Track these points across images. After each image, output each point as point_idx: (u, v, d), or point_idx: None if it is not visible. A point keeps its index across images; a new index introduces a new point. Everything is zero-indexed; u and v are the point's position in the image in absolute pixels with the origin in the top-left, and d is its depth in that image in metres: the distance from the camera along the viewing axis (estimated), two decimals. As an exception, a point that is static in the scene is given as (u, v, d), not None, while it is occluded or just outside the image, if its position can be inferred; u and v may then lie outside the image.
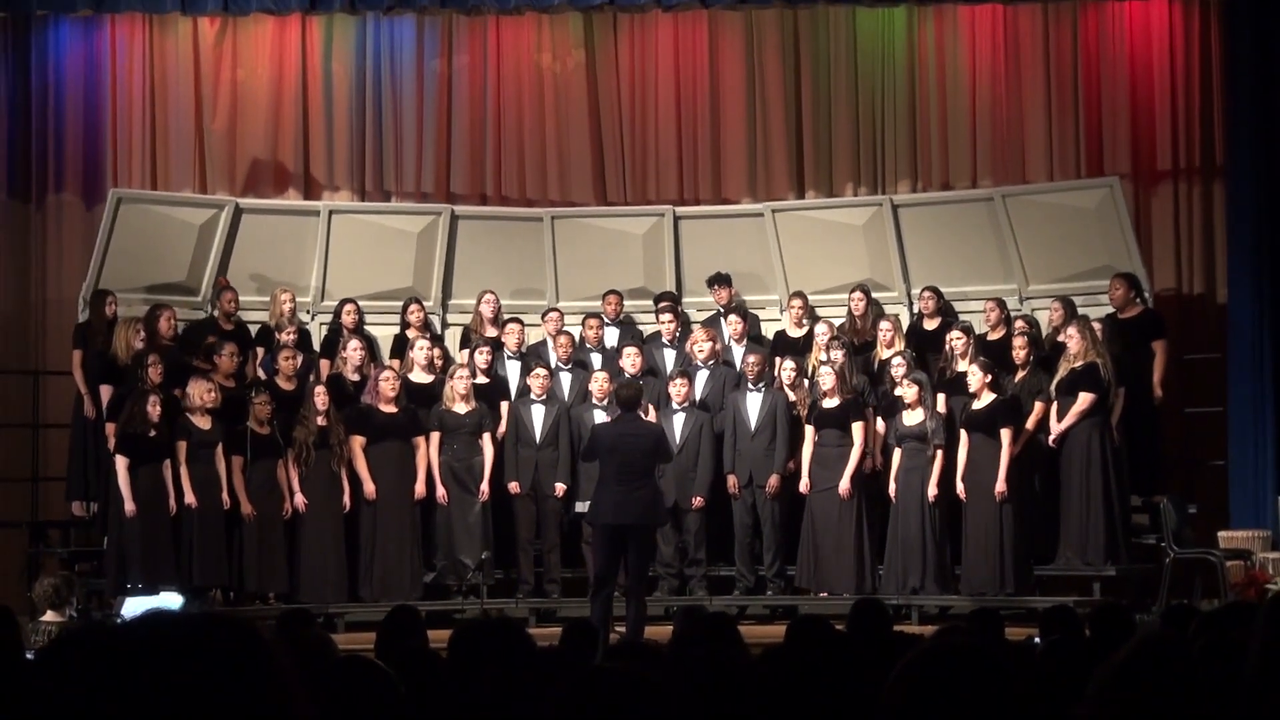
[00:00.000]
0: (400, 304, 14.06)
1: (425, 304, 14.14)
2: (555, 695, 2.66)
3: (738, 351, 13.70)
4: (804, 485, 12.87)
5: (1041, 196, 14.25)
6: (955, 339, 12.97)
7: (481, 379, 13.28)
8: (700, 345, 13.50)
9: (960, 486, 12.47)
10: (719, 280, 14.11)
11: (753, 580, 13.16)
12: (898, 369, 12.84)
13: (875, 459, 13.00)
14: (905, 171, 15.06)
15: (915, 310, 14.03)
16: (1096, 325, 12.69)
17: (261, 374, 13.32)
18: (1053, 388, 12.52)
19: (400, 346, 13.80)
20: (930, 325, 13.70)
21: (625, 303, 14.36)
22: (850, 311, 13.88)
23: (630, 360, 13.25)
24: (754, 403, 13.12)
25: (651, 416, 12.33)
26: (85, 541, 13.29)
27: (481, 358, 13.36)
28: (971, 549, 12.48)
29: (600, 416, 12.76)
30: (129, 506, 11.96)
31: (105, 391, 12.71)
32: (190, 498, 12.17)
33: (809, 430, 12.93)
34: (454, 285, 14.70)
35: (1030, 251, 14.02)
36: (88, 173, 14.78)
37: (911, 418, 12.64)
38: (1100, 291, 13.45)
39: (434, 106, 15.22)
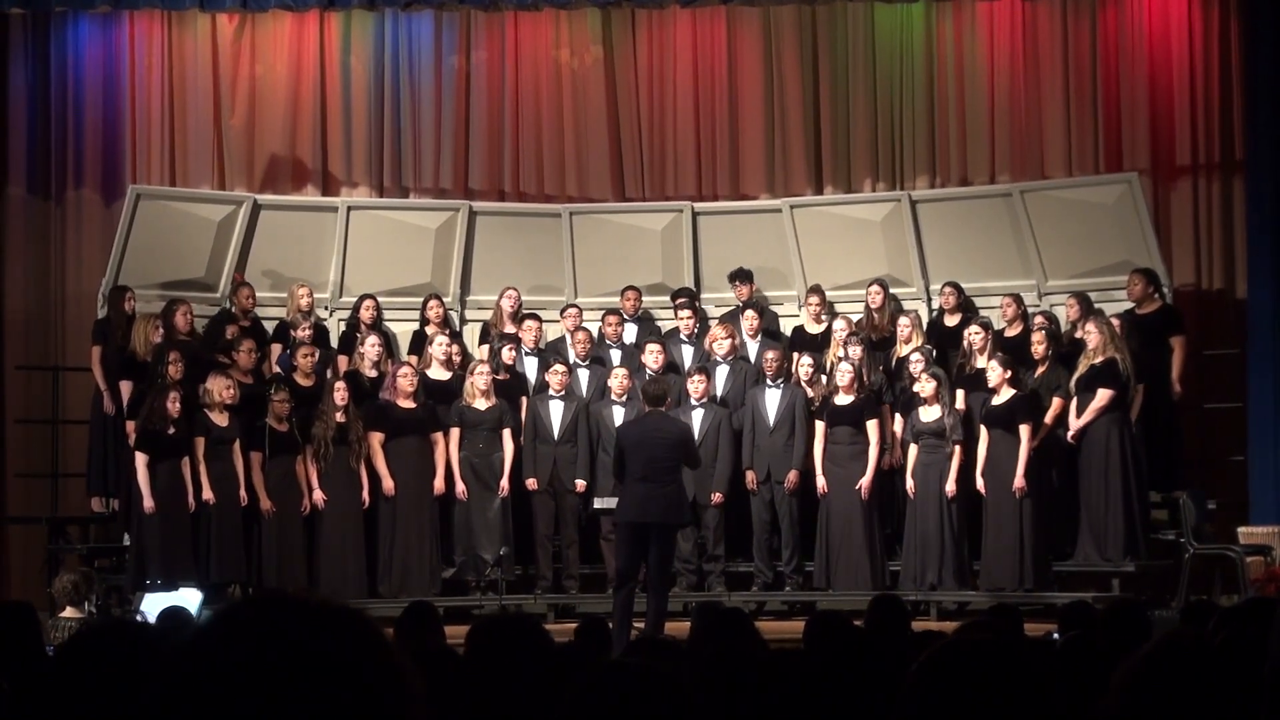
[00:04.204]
0: (418, 300, 14.08)
1: (444, 300, 14.16)
2: (572, 690, 2.66)
3: (754, 347, 13.68)
4: (821, 486, 12.85)
5: (1060, 192, 14.20)
6: (974, 334, 12.94)
7: (503, 375, 13.28)
8: (719, 342, 13.49)
9: (980, 482, 12.46)
10: (740, 276, 14.08)
11: (771, 576, 13.15)
12: (916, 365, 12.81)
13: (895, 454, 12.98)
14: (924, 167, 15.03)
15: (935, 306, 14.00)
16: (1115, 321, 12.66)
17: (279, 370, 13.34)
18: (1071, 383, 12.50)
19: (419, 342, 13.80)
20: (951, 321, 13.65)
21: (644, 299, 14.35)
22: (867, 306, 13.84)
23: (653, 356, 13.22)
24: (773, 399, 13.10)
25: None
26: (105, 537, 13.31)
27: (506, 354, 13.36)
28: (991, 545, 12.45)
29: (619, 412, 12.75)
30: (148, 503, 11.97)
31: (125, 388, 12.73)
32: (208, 494, 12.18)
33: (819, 426, 12.91)
34: (472, 281, 14.71)
35: (1049, 247, 13.98)
36: (107, 169, 14.81)
37: (929, 414, 12.61)
38: (1119, 287, 13.39)
39: (452, 102, 15.22)
